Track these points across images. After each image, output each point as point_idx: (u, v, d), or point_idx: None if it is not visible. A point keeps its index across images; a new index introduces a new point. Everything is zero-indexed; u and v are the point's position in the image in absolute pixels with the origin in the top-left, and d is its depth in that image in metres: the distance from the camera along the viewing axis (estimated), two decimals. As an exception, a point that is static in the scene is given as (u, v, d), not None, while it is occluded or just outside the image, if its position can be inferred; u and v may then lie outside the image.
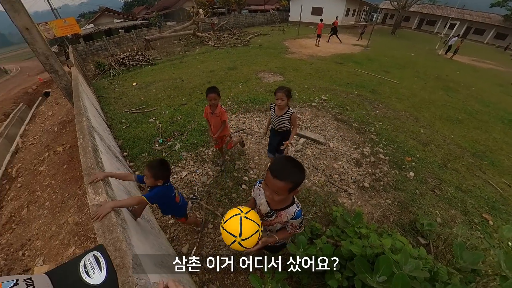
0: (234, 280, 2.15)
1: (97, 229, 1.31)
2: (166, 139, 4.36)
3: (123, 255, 1.17)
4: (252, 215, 1.14)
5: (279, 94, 2.26)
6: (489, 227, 2.48)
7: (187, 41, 14.90)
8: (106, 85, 8.01)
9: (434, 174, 3.36)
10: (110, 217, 1.36)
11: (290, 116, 2.41)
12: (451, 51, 14.99)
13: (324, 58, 10.96)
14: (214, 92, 2.57)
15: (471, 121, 5.67)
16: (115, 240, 1.23)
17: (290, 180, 0.99)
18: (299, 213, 1.20)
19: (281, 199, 1.08)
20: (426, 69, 10.73)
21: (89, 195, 1.57)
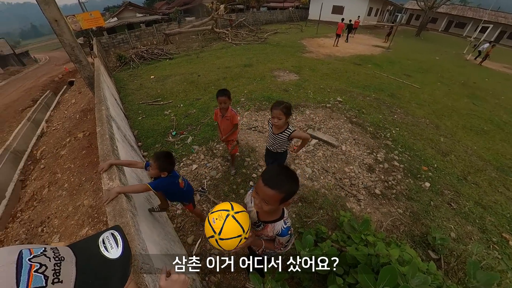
0: (235, 275, 2.17)
1: (109, 213, 1.38)
2: (179, 131, 4.46)
3: (131, 239, 1.22)
4: (242, 217, 1.02)
5: (276, 111, 1.89)
6: (509, 248, 2.32)
7: (205, 36, 15.07)
8: (126, 76, 8.32)
9: (452, 186, 3.18)
10: (121, 202, 1.42)
11: (289, 136, 2.06)
12: (481, 57, 14.02)
13: (342, 58, 10.67)
14: (225, 95, 2.43)
15: (498, 132, 5.30)
16: (124, 224, 1.29)
17: (282, 190, 0.92)
18: (285, 232, 1.10)
19: (270, 210, 1.00)
20: (452, 74, 10.13)
21: (103, 180, 1.65)
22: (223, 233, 0.98)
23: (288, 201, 0.99)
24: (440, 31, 31.02)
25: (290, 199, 0.97)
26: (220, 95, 2.45)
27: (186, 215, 2.81)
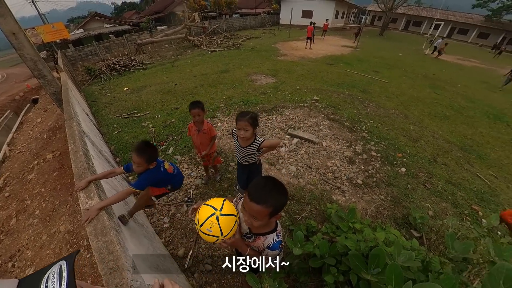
0: (231, 282, 2.14)
1: (90, 233, 1.30)
2: (160, 143, 4.32)
3: (116, 257, 1.16)
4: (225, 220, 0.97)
5: (242, 123, 1.72)
6: (479, 218, 2.57)
7: (179, 45, 14.87)
8: (97, 90, 7.90)
9: (425, 168, 3.46)
10: (103, 220, 1.35)
11: (259, 147, 1.91)
12: (436, 51, 15.48)
13: (315, 59, 11.13)
14: (198, 107, 2.24)
15: (458, 117, 5.87)
16: (108, 243, 1.22)
17: (269, 204, 0.88)
18: (277, 245, 1.06)
19: (261, 225, 0.97)
20: (414, 68, 11.04)
21: (81, 199, 1.55)
22: (224, 232, 0.97)
23: (278, 214, 0.95)
24: (400, 30, 33.79)
25: (279, 212, 0.94)
26: (192, 107, 2.25)
27: (174, 228, 2.71)
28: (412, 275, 1.24)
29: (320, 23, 19.07)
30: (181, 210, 2.88)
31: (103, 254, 1.18)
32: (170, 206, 2.95)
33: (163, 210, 2.93)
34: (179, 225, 2.70)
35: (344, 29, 26.32)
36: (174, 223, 2.74)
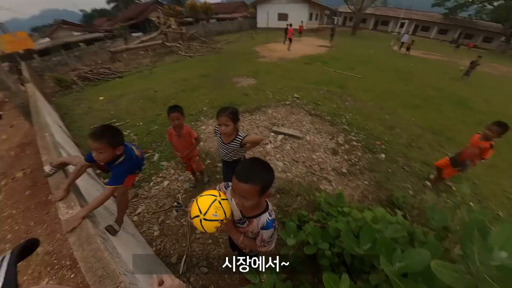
0: (229, 281, 2.11)
1: (74, 243, 1.22)
2: (144, 150, 4.15)
3: (105, 264, 1.10)
4: (226, 204, 1.06)
5: (222, 118, 1.74)
6: (452, 191, 2.81)
7: (156, 52, 14.50)
8: (70, 101, 7.44)
9: (402, 153, 3.71)
10: (87, 228, 1.27)
11: (241, 143, 1.92)
12: (404, 47, 16.62)
13: (293, 60, 11.44)
14: (177, 111, 2.22)
15: (427, 105, 6.35)
16: (95, 251, 1.16)
17: (257, 182, 0.91)
18: (270, 224, 1.08)
19: (253, 205, 0.99)
20: (385, 63, 11.76)
21: (60, 210, 1.45)
22: (208, 214, 1.01)
23: (268, 192, 0.98)
24: (370, 29, 35.88)
25: (268, 189, 0.97)
26: (171, 111, 2.22)
27: (164, 235, 2.62)
28: (400, 247, 1.32)
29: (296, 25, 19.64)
30: (170, 216, 2.80)
31: (90, 263, 1.11)
32: (159, 213, 2.85)
33: (152, 218, 2.82)
34: (169, 231, 2.62)
35: (318, 30, 27.36)
36: (164, 230, 2.65)
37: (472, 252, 0.77)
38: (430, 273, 1.01)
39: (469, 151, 2.63)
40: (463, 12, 31.48)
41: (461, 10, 30.79)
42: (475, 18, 31.45)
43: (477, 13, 30.95)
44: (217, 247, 2.37)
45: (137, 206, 3.00)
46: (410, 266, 0.97)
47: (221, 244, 2.39)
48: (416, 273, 1.00)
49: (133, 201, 3.09)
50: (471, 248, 0.77)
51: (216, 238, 2.45)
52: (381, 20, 35.94)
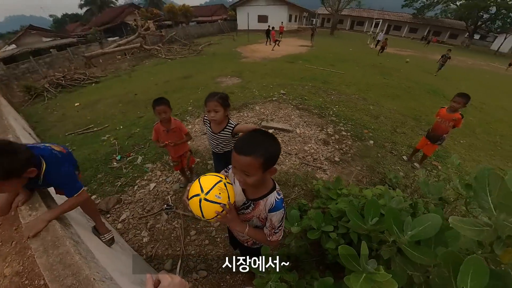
0: (231, 282, 1.96)
1: (36, 249, 1.00)
2: (125, 154, 3.91)
3: (76, 270, 0.90)
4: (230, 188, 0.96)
5: (211, 103, 1.60)
6: (439, 170, 2.92)
7: (134, 55, 13.98)
8: (41, 110, 6.89)
9: (389, 139, 3.85)
10: (54, 230, 1.06)
11: (232, 131, 1.79)
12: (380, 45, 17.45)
13: (276, 59, 11.54)
14: (163, 104, 2.03)
15: (406, 95, 6.67)
16: (63, 255, 0.95)
17: (258, 154, 0.79)
18: (280, 204, 0.94)
19: (256, 182, 0.86)
20: (363, 60, 12.23)
21: (22, 213, 1.22)
22: (210, 194, 0.88)
23: (272, 168, 0.86)
24: (347, 30, 37.44)
25: (272, 163, 0.85)
26: (157, 104, 2.03)
27: (155, 241, 2.42)
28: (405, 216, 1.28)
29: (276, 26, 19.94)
30: (161, 220, 2.60)
31: (56, 271, 0.90)
32: (147, 218, 2.64)
33: (140, 224, 2.60)
34: (161, 236, 2.42)
35: (298, 31, 28.01)
36: (154, 235, 2.45)
37: (487, 203, 0.73)
38: (441, 238, 0.98)
39: (442, 125, 2.84)
40: (430, 12, 33.85)
41: (428, 10, 33.10)
42: (441, 17, 33.92)
43: (442, 12, 33.41)
44: (215, 247, 2.23)
45: (120, 213, 2.76)
46: (422, 233, 0.93)
47: (219, 243, 2.25)
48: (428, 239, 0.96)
49: (115, 208, 2.86)
50: (486, 199, 0.73)
51: (213, 237, 2.30)
52: (357, 20, 37.72)
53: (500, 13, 28.02)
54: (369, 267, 0.74)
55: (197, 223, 2.49)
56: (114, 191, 3.05)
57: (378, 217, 1.14)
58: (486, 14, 29.19)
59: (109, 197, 2.93)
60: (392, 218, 1.03)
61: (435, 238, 0.94)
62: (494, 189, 0.71)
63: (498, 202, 0.68)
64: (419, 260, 0.87)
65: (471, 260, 0.61)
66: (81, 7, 40.94)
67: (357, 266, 0.79)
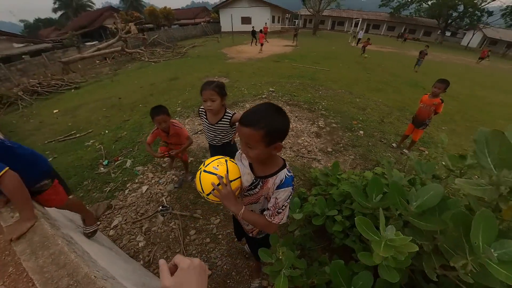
0: (238, 278, 1.91)
1: (22, 252, 0.90)
2: (113, 158, 3.74)
3: (72, 270, 0.81)
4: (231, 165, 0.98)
5: (207, 92, 1.54)
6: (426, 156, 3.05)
7: (115, 59, 13.48)
8: (16, 118, 6.44)
9: (377, 128, 4.01)
10: (42, 229, 0.96)
11: (231, 120, 1.74)
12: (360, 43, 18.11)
13: (262, 59, 11.62)
14: (162, 113, 2.00)
15: (389, 88, 6.96)
16: (55, 255, 0.86)
17: (260, 126, 0.75)
18: (289, 181, 0.90)
19: (259, 156, 0.84)
20: (347, 57, 12.63)
21: (2, 215, 1.11)
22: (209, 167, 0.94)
23: (277, 143, 0.82)
24: (328, 30, 38.51)
25: (277, 138, 0.80)
26: (156, 114, 2.00)
27: (153, 244, 2.31)
28: None
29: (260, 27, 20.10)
30: (156, 222, 2.50)
31: (48, 273, 0.82)
32: (141, 222, 2.53)
33: (134, 229, 2.47)
34: (158, 239, 2.32)
35: (281, 32, 28.42)
36: (151, 238, 2.34)
37: (487, 163, 0.75)
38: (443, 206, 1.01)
39: (425, 110, 3.07)
40: (405, 11, 35.64)
41: (403, 8, 34.84)
42: (415, 16, 35.83)
43: (416, 11, 35.29)
44: (218, 245, 2.16)
45: (112, 219, 2.62)
46: (427, 202, 0.95)
47: (221, 240, 2.19)
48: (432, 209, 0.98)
49: (106, 214, 2.71)
50: (485, 160, 0.76)
51: (215, 235, 2.24)
52: (338, 21, 38.94)
53: (467, 11, 30.06)
54: (388, 233, 0.75)
55: (196, 222, 2.41)
56: (103, 197, 2.90)
57: (382, 194, 1.16)
58: (455, 12, 31.17)
59: (98, 204, 2.77)
60: (396, 192, 1.05)
61: (438, 206, 0.97)
62: (493, 148, 0.73)
63: (499, 159, 0.71)
64: (427, 228, 0.88)
65: (482, 214, 0.63)
66: (55, 11, 38.92)
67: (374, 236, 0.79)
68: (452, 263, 0.75)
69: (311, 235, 1.73)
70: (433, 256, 0.95)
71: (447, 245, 0.85)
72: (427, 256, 0.96)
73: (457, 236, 0.73)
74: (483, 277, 0.69)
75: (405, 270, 1.06)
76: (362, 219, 0.84)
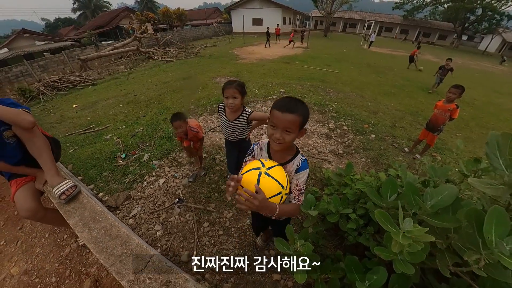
0: (249, 269, 1.99)
1: (75, 225, 1.02)
2: (130, 152, 3.91)
3: (125, 241, 0.95)
4: (277, 172, 0.96)
5: (230, 90, 1.66)
6: (439, 162, 3.04)
7: (130, 58, 13.90)
8: (37, 112, 6.79)
9: (389, 132, 3.99)
10: (91, 206, 1.09)
11: (248, 118, 1.85)
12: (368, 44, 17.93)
13: (272, 60, 11.69)
14: (178, 119, 2.16)
15: (401, 92, 6.87)
16: (107, 228, 0.99)
17: (300, 112, 0.93)
18: (306, 163, 1.09)
19: (293, 140, 0.98)
20: (358, 60, 12.52)
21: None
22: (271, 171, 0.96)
23: (303, 128, 1.00)
24: (340, 31, 38.12)
25: (305, 123, 0.99)
26: (173, 120, 2.19)
27: (170, 234, 2.43)
28: None
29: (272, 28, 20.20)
30: (173, 213, 2.62)
31: (102, 243, 0.94)
32: (159, 212, 2.66)
33: (152, 218, 2.61)
34: (175, 228, 2.44)
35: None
36: (168, 228, 2.46)
37: (499, 164, 0.80)
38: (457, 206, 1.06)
39: (440, 116, 3.04)
40: (419, 14, 34.84)
41: (418, 12, 34.05)
42: (430, 19, 34.95)
43: (431, 14, 34.42)
44: (230, 237, 2.26)
45: (131, 209, 2.77)
46: (441, 202, 1.00)
47: (233, 233, 2.28)
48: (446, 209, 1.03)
49: (125, 204, 2.87)
50: (497, 161, 0.81)
51: (227, 228, 2.34)
52: (349, 23, 38.47)
53: (485, 15, 29.05)
54: (406, 225, 0.81)
55: (209, 215, 2.52)
56: (122, 187, 3.06)
57: (396, 194, 1.22)
58: (472, 15, 30.20)
59: (118, 193, 2.93)
60: (411, 191, 1.11)
61: (452, 206, 1.02)
62: (504, 150, 0.78)
63: (510, 160, 0.76)
64: (441, 226, 0.94)
65: (494, 210, 0.68)
66: (74, 11, 40.49)
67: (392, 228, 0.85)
68: (465, 258, 0.80)
69: (324, 233, 1.79)
70: (447, 253, 1.00)
71: (460, 242, 0.90)
72: (440, 254, 1.01)
73: (470, 232, 0.78)
74: (495, 270, 0.74)
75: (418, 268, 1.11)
76: (381, 212, 0.90)
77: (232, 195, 0.90)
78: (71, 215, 1.02)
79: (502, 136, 0.77)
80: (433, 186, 1.46)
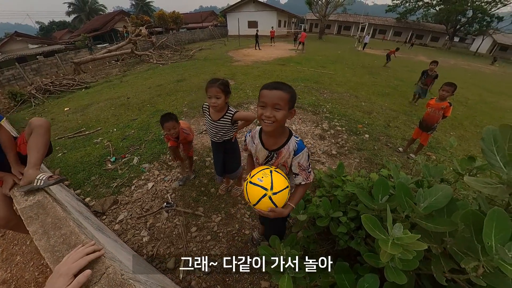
0: (237, 277, 1.91)
1: (35, 232, 0.92)
2: (120, 156, 3.80)
3: None
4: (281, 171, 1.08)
5: (212, 89, 1.58)
6: (434, 161, 3.00)
7: (125, 61, 13.78)
8: (28, 115, 6.64)
9: (383, 132, 3.96)
10: (55, 211, 0.99)
11: (232, 118, 1.78)
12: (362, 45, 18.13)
13: (267, 62, 11.69)
14: (171, 119, 2.08)
15: (395, 92, 6.89)
16: (67, 235, 0.89)
17: (288, 90, 0.96)
18: (301, 144, 1.08)
19: (283, 118, 0.96)
20: (352, 61, 12.59)
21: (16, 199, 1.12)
22: (275, 187, 0.97)
23: (294, 109, 1.01)
24: (334, 34, 38.56)
25: (293, 104, 1.00)
26: (166, 120, 2.09)
27: (156, 239, 2.33)
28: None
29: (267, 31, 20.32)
30: (161, 218, 2.52)
31: (59, 252, 0.85)
32: (146, 217, 2.56)
33: (138, 224, 2.51)
34: (161, 234, 2.34)
35: (287, 36, 28.58)
36: (155, 234, 2.36)
37: (496, 161, 0.74)
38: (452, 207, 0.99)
39: (433, 114, 3.01)
40: (412, 16, 35.42)
41: (410, 14, 34.63)
42: (423, 21, 35.54)
43: (423, 16, 35.02)
44: (218, 242, 2.17)
45: (117, 214, 2.67)
46: (435, 203, 0.93)
47: (221, 238, 2.20)
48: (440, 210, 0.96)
49: (112, 209, 2.76)
50: (494, 158, 0.75)
51: (215, 233, 2.25)
52: (344, 25, 38.97)
53: (476, 17, 29.66)
54: (396, 231, 0.74)
55: (197, 219, 2.43)
56: (110, 192, 2.95)
57: (388, 196, 1.15)
58: (463, 17, 30.79)
59: (105, 198, 2.82)
60: (403, 192, 1.04)
61: (447, 208, 0.95)
62: (502, 145, 0.72)
63: (509, 156, 0.69)
64: (436, 229, 0.87)
65: (494, 212, 0.62)
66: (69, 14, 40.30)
67: (381, 234, 0.78)
68: (462, 265, 0.73)
69: (315, 237, 1.72)
70: (442, 259, 0.93)
71: (456, 247, 0.83)
72: (435, 260, 0.94)
73: (468, 237, 0.71)
74: (495, 279, 0.67)
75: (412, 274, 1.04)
76: (368, 216, 0.83)
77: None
78: (32, 221, 0.93)
79: (500, 130, 0.70)
80: (427, 186, 1.39)
